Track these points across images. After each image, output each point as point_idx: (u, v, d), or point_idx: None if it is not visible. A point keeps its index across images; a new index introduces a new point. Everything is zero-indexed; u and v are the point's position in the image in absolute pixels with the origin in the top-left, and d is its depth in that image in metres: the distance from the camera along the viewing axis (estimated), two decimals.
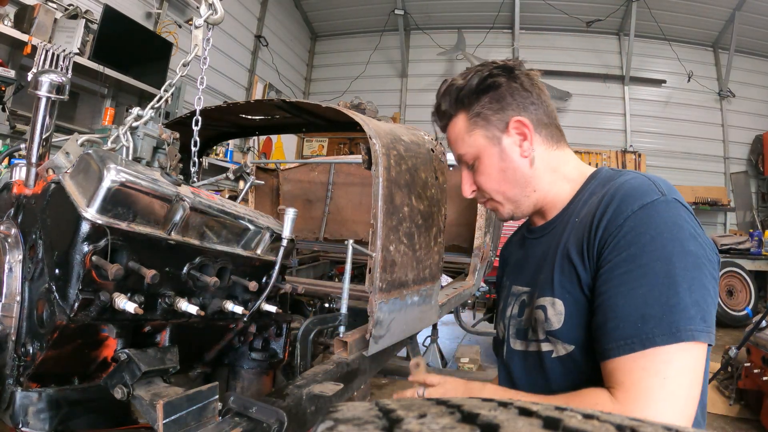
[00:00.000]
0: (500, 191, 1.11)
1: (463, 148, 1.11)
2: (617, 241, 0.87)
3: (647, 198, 0.88)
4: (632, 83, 9.48)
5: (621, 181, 0.98)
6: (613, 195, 0.93)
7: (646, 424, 0.36)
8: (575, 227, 1.00)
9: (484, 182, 1.11)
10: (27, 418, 0.91)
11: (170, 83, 1.41)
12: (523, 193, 1.10)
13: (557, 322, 0.97)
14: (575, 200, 1.08)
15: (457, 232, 3.72)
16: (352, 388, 1.58)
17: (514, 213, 1.14)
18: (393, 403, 0.41)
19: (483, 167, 1.10)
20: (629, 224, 0.87)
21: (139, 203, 0.93)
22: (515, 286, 1.19)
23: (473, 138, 1.08)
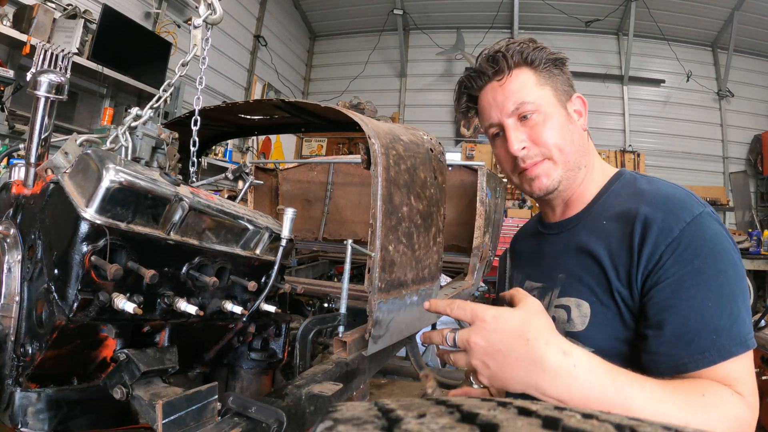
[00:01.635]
0: (563, 149, 1.04)
1: (529, 96, 1.04)
2: (678, 254, 0.87)
3: (695, 210, 0.90)
4: (631, 83, 9.49)
5: (657, 189, 0.98)
6: (656, 204, 0.93)
7: (645, 424, 0.36)
8: (603, 230, 0.99)
9: (550, 136, 1.03)
10: (26, 418, 0.91)
11: (169, 83, 1.41)
12: (579, 163, 1.07)
13: (581, 324, 0.97)
14: (599, 199, 1.07)
15: (456, 232, 3.72)
16: (351, 387, 1.58)
17: (562, 181, 1.06)
18: (392, 403, 0.41)
19: (549, 121, 1.04)
20: (687, 237, 0.87)
21: (138, 203, 0.93)
22: (528, 282, 1.17)
23: (544, 91, 1.05)
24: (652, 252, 0.89)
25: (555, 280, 1.06)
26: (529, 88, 1.04)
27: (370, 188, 1.58)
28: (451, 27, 10.02)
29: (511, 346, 0.76)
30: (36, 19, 4.38)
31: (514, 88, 1.05)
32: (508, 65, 1.05)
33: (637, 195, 0.99)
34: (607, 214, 1.02)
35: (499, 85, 1.06)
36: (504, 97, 1.06)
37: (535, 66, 1.06)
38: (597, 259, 0.97)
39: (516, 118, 1.05)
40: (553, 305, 1.03)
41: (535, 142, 1.04)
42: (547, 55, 1.06)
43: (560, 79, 1.07)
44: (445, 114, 10.49)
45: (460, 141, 10.22)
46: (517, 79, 1.05)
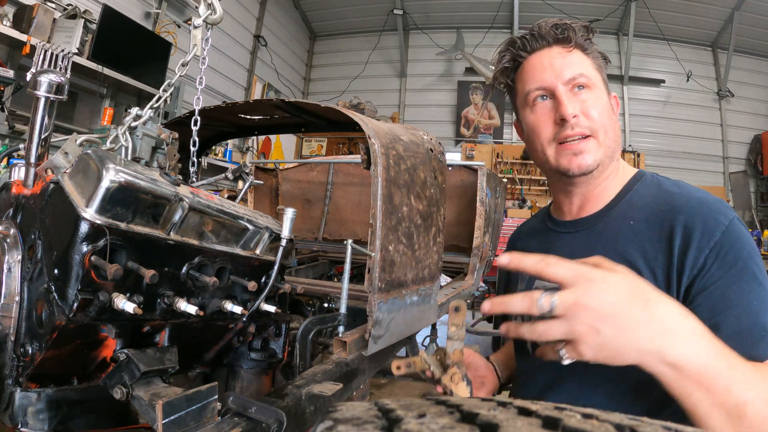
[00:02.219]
0: (607, 131, 1.05)
1: (587, 70, 1.07)
2: (722, 257, 0.89)
3: (729, 214, 0.94)
4: (631, 83, 9.49)
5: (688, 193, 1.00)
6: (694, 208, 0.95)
7: (645, 424, 0.36)
8: (633, 232, 0.99)
9: (597, 113, 1.04)
10: (26, 418, 0.91)
11: (169, 83, 1.41)
12: (615, 152, 1.08)
13: None
14: (621, 198, 1.06)
15: (456, 232, 3.72)
16: (351, 387, 1.58)
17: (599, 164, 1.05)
18: (392, 403, 0.41)
19: (598, 100, 1.05)
20: (727, 240, 0.90)
21: (138, 203, 0.93)
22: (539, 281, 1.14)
23: (596, 74, 1.08)
24: (696, 258, 0.91)
25: None
26: (586, 65, 1.07)
27: (370, 188, 1.58)
28: (451, 27, 10.03)
29: (629, 307, 0.69)
30: (36, 19, 4.39)
31: (574, 61, 1.07)
32: (576, 39, 1.08)
33: (668, 198, 0.99)
34: (634, 215, 1.01)
35: (560, 53, 1.07)
36: (563, 64, 1.06)
37: (588, 53, 1.09)
38: (630, 262, 0.96)
39: (570, 88, 1.05)
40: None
41: (585, 115, 1.03)
42: (596, 49, 1.11)
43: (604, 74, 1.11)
44: (445, 114, 10.49)
45: (460, 141, 10.22)
46: (575, 55, 1.08)
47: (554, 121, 1.04)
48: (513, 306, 0.77)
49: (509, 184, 9.27)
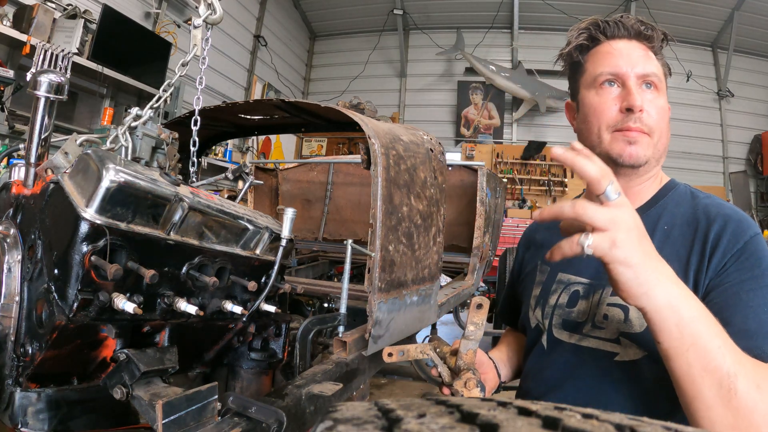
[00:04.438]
0: (662, 132, 1.09)
1: (659, 72, 1.10)
2: (741, 262, 0.94)
3: (755, 228, 1.00)
4: None
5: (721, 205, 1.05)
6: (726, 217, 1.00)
7: (645, 424, 0.36)
8: (666, 236, 1.03)
9: (658, 114, 1.08)
10: (26, 418, 0.91)
11: (169, 83, 1.41)
12: (662, 154, 1.11)
13: (639, 326, 0.97)
14: (656, 203, 1.09)
15: (456, 232, 3.72)
16: (351, 387, 1.58)
17: (648, 162, 1.08)
18: (392, 403, 0.41)
19: (662, 103, 1.09)
20: (750, 249, 0.95)
21: (138, 203, 0.93)
22: (563, 274, 1.15)
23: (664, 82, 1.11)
24: (720, 260, 0.95)
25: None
26: (657, 66, 1.09)
27: (370, 188, 1.58)
28: (451, 27, 10.03)
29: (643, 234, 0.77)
30: (36, 19, 4.39)
31: (649, 58, 1.09)
32: (657, 41, 1.11)
33: (704, 208, 1.04)
34: (668, 220, 1.05)
35: (639, 47, 1.09)
36: (640, 57, 1.08)
37: (659, 58, 1.12)
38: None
39: (640, 83, 1.07)
40: (605, 303, 1.02)
41: (648, 113, 1.06)
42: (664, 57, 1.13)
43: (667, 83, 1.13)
44: (445, 114, 10.50)
45: (460, 141, 10.22)
46: (650, 54, 1.10)
47: (620, 109, 1.06)
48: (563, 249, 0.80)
49: (509, 184, 9.27)
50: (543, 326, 1.15)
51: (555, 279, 1.16)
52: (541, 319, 1.15)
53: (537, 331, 1.17)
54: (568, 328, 1.08)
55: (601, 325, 1.02)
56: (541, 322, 1.15)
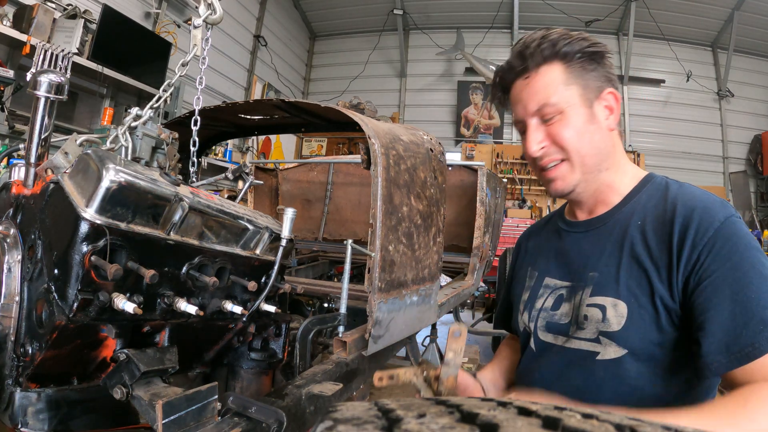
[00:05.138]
0: (581, 152, 1.03)
1: (553, 96, 1.02)
2: (716, 252, 0.90)
3: (726, 212, 0.94)
4: (631, 83, 9.49)
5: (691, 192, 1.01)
6: (691, 206, 0.96)
7: (645, 424, 0.36)
8: (640, 231, 1.00)
9: (568, 137, 1.03)
10: (26, 418, 0.91)
11: (169, 83, 1.41)
12: (599, 166, 1.06)
13: (617, 324, 0.96)
14: (631, 200, 1.07)
15: (456, 232, 3.72)
16: (351, 388, 1.58)
17: (579, 184, 1.07)
18: (392, 403, 0.41)
19: (569, 121, 1.02)
20: (722, 235, 0.90)
21: (138, 203, 0.93)
22: (549, 279, 1.16)
23: (569, 91, 1.02)
24: (690, 253, 0.91)
25: (586, 278, 1.05)
26: (555, 87, 1.03)
27: (370, 188, 1.58)
28: (451, 27, 10.03)
29: None
30: (36, 19, 4.39)
31: (540, 86, 1.04)
32: (535, 62, 1.04)
33: (671, 198, 1.00)
34: (642, 215, 1.02)
35: (525, 84, 1.05)
36: (528, 95, 1.05)
37: (568, 60, 1.03)
38: (637, 260, 0.98)
39: (539, 118, 1.05)
40: (585, 304, 1.02)
41: (554, 142, 1.04)
42: (583, 47, 1.03)
43: (593, 75, 1.04)
44: (445, 114, 10.49)
45: (460, 141, 10.22)
46: (544, 77, 1.04)
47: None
48: None
49: (509, 184, 9.27)
50: (530, 330, 1.16)
51: (542, 283, 1.17)
52: (528, 322, 1.16)
53: (526, 335, 1.18)
54: (553, 330, 1.09)
55: (582, 325, 1.02)
56: (528, 326, 1.16)
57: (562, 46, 1.03)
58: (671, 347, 0.94)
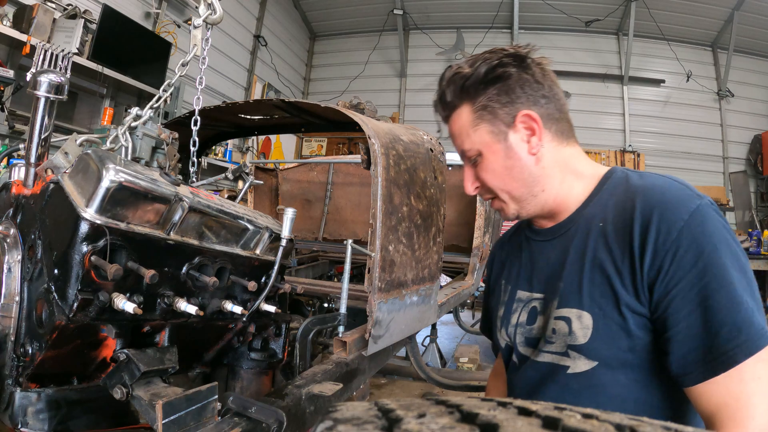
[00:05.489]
0: (505, 190, 1.03)
1: (466, 143, 1.03)
2: (680, 256, 0.83)
3: (691, 204, 0.86)
4: (631, 83, 9.49)
5: (651, 184, 0.93)
6: (651, 203, 0.88)
7: (645, 424, 0.36)
8: (602, 234, 0.94)
9: (489, 180, 1.03)
10: (26, 418, 0.91)
11: (169, 83, 1.41)
12: (530, 192, 1.03)
13: (583, 337, 0.92)
14: (591, 201, 1.01)
15: (456, 232, 3.72)
16: (351, 388, 1.58)
17: (520, 213, 1.06)
18: (392, 403, 0.41)
19: (487, 164, 1.02)
20: (686, 237, 0.83)
21: (138, 203, 0.93)
22: (521, 291, 1.11)
23: (478, 133, 1.01)
24: (653, 259, 0.85)
25: (555, 289, 1.00)
26: (467, 132, 1.02)
27: (370, 188, 1.59)
28: (451, 27, 10.02)
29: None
30: (36, 19, 4.38)
31: (455, 133, 1.06)
32: (450, 106, 1.05)
33: (632, 193, 0.93)
34: (603, 215, 0.96)
35: (455, 122, 1.06)
36: (456, 137, 1.07)
37: (472, 97, 1.01)
38: (600, 266, 0.92)
39: (467, 161, 1.07)
40: (553, 316, 0.98)
41: (482, 185, 1.06)
42: (480, 77, 0.99)
43: (501, 102, 0.99)
44: None
45: None
46: (456, 123, 1.05)
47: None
48: None
49: None
50: (512, 345, 1.12)
51: (515, 297, 1.13)
52: (507, 338, 1.13)
53: (508, 350, 1.14)
54: (531, 344, 1.05)
55: (550, 339, 0.98)
56: (509, 341, 1.13)
57: (461, 85, 1.01)
58: (645, 350, 0.89)
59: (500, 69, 0.98)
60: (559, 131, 1.03)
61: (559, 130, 1.03)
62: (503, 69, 0.98)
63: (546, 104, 1.00)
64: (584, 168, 1.05)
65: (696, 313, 0.81)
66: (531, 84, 0.99)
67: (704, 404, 0.82)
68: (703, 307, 0.81)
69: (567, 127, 1.04)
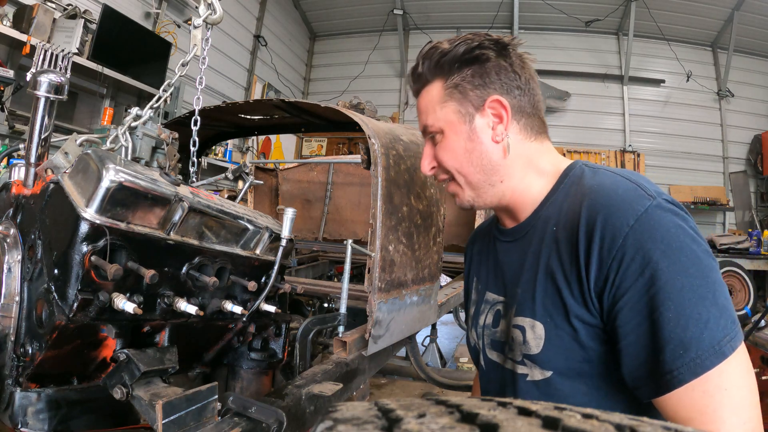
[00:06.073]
0: (462, 173, 0.99)
1: (430, 118, 1.00)
2: (626, 265, 0.77)
3: (639, 206, 0.79)
4: (631, 83, 9.49)
5: (599, 185, 0.87)
6: (596, 206, 0.82)
7: (645, 424, 0.36)
8: (554, 240, 0.90)
9: (447, 160, 1.00)
10: (26, 418, 0.91)
11: (169, 83, 1.41)
12: (487, 181, 0.99)
13: (536, 347, 0.89)
14: (548, 201, 0.97)
15: (456, 232, 3.72)
16: (351, 387, 1.58)
17: (474, 201, 1.02)
18: (392, 403, 0.41)
19: (448, 143, 0.99)
20: (632, 244, 0.77)
21: (138, 203, 0.93)
22: (489, 293, 1.09)
23: (444, 110, 0.98)
24: (598, 268, 0.80)
25: (514, 295, 0.97)
26: (432, 108, 1.00)
27: (370, 188, 1.59)
28: (451, 27, 10.02)
29: None
30: (36, 19, 4.38)
31: (422, 109, 1.03)
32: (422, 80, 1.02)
33: (581, 194, 0.88)
34: (557, 218, 0.91)
35: (424, 96, 1.03)
36: (420, 112, 1.05)
37: (446, 74, 0.98)
38: (551, 274, 0.88)
39: (428, 138, 1.04)
40: (511, 324, 0.96)
41: (439, 165, 1.03)
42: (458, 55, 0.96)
43: (474, 84, 0.96)
44: None
45: None
46: (425, 97, 1.02)
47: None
48: None
49: None
50: (479, 347, 1.10)
51: (483, 298, 1.10)
52: (477, 339, 1.11)
53: (476, 352, 1.12)
54: (496, 348, 1.03)
55: (511, 346, 0.96)
56: (477, 343, 1.11)
57: (437, 60, 0.99)
58: (600, 360, 0.84)
59: (479, 51, 0.96)
60: (527, 125, 0.99)
61: (529, 124, 0.99)
62: (482, 51, 0.96)
63: (519, 96, 0.97)
64: (547, 163, 1.00)
65: (644, 326, 0.76)
66: (507, 73, 0.96)
67: (669, 417, 0.77)
68: (650, 320, 0.75)
69: (538, 123, 1.01)
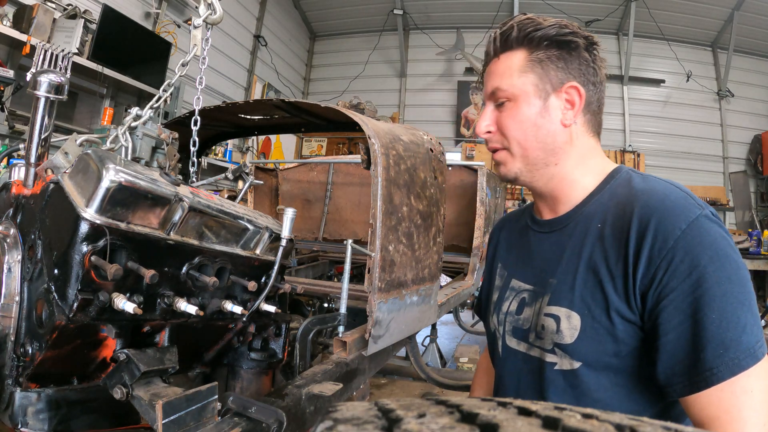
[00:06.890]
0: (523, 145, 1.00)
1: (505, 82, 1.00)
2: (675, 266, 0.81)
3: (690, 213, 0.84)
4: (631, 83, 9.49)
5: (651, 189, 0.91)
6: (650, 209, 0.86)
7: (645, 424, 0.36)
8: (600, 236, 0.93)
9: (511, 128, 1.00)
10: (26, 418, 0.91)
11: (169, 83, 1.41)
12: (544, 160, 1.00)
13: (570, 337, 0.92)
14: (592, 199, 1.00)
15: (456, 232, 3.72)
16: (351, 387, 1.58)
17: (522, 175, 1.03)
18: (392, 403, 0.41)
19: (517, 112, 0.99)
20: (682, 247, 0.81)
21: (138, 203, 0.93)
22: (515, 281, 1.11)
23: (522, 80, 0.98)
24: (647, 267, 0.84)
25: (546, 284, 0.99)
26: (510, 74, 1.00)
27: (370, 188, 1.59)
28: (451, 27, 10.02)
29: None
30: (36, 19, 4.39)
31: (498, 71, 1.03)
32: (502, 47, 1.02)
33: (632, 196, 0.92)
34: (602, 216, 0.95)
35: (503, 61, 1.03)
36: (488, 78, 1.05)
37: (533, 47, 0.99)
38: (593, 268, 0.91)
39: (493, 102, 1.04)
40: (543, 313, 0.98)
41: (499, 130, 1.03)
42: (550, 35, 0.99)
43: (558, 65, 0.98)
44: (445, 114, 10.49)
45: (460, 141, 10.22)
46: (503, 63, 1.02)
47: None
48: None
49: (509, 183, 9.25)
50: (499, 334, 1.12)
51: (509, 285, 1.12)
52: (497, 325, 1.13)
53: (494, 338, 1.14)
54: (518, 335, 1.05)
55: (540, 335, 0.98)
56: (497, 329, 1.13)
57: (529, 32, 1.00)
58: (630, 356, 0.88)
59: (571, 37, 0.99)
60: (591, 121, 1.03)
61: (592, 121, 1.03)
62: (573, 39, 0.99)
63: (593, 91, 1.01)
64: (595, 163, 1.04)
65: (686, 324, 0.80)
66: (588, 66, 1.01)
67: (695, 415, 0.81)
68: (693, 319, 0.79)
69: (598, 123, 1.05)
